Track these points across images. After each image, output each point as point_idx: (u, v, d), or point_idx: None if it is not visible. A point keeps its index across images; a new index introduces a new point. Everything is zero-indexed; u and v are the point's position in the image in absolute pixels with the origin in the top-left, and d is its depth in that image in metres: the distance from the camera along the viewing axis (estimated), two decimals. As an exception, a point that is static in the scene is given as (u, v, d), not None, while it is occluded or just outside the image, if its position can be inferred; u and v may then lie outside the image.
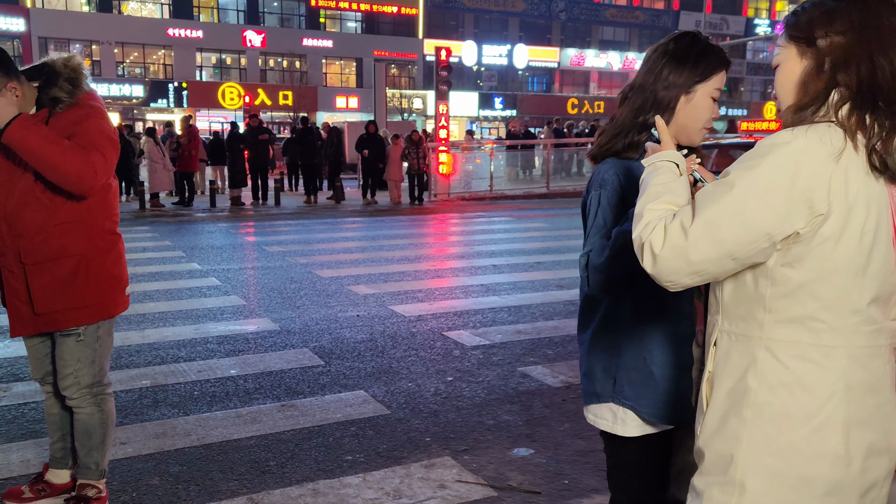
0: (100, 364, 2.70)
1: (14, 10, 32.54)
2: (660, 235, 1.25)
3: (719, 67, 1.70)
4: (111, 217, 2.70)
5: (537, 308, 6.27)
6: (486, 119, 42.54)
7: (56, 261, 2.55)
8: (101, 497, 2.77)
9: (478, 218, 13.73)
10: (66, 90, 2.53)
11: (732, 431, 1.28)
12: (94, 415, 2.71)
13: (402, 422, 3.77)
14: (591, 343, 1.79)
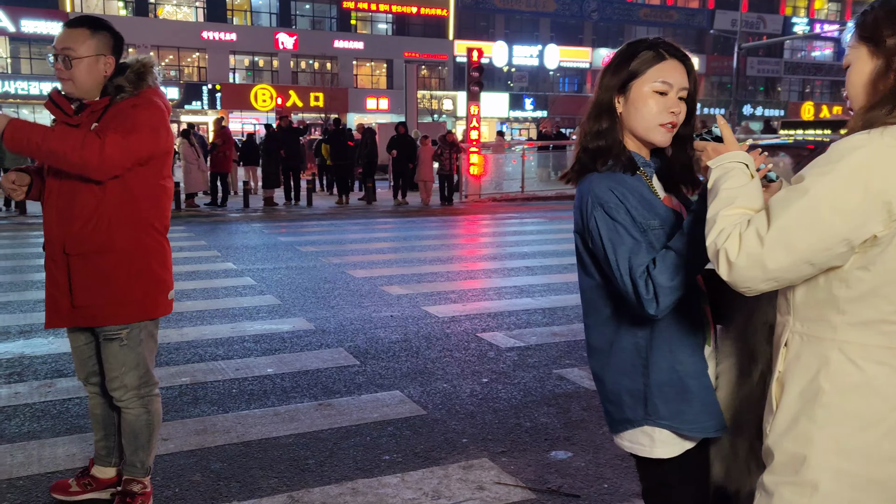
0: (144, 367, 2.70)
1: (53, 14, 33.29)
2: (735, 243, 1.24)
3: (654, 61, 1.65)
4: (161, 218, 2.69)
5: (572, 310, 6.21)
6: (517, 120, 42.43)
7: (100, 254, 2.54)
8: (146, 493, 2.81)
9: (509, 219, 13.69)
10: (131, 80, 2.57)
11: (804, 432, 1.27)
12: (141, 416, 2.73)
13: (438, 422, 3.76)
14: (611, 369, 1.70)
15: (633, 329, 1.65)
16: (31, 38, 33.76)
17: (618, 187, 1.64)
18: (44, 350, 4.93)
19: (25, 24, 33.08)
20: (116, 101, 2.55)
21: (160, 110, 2.59)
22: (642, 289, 1.53)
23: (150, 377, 2.74)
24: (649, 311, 1.54)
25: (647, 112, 1.65)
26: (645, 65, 1.65)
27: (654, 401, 1.63)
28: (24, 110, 32.70)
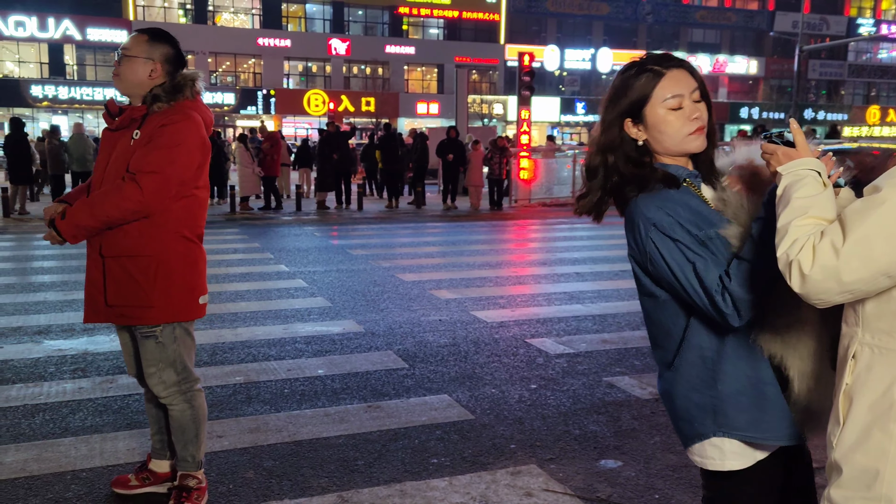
0: (182, 363, 2.77)
1: (118, 23, 34.53)
2: (808, 255, 1.21)
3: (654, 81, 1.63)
4: (191, 224, 2.74)
5: (623, 317, 6.14)
6: (568, 124, 42.12)
7: (131, 258, 2.65)
8: (201, 487, 2.88)
9: (559, 224, 13.59)
10: (167, 90, 2.66)
11: (877, 446, 1.23)
12: (185, 411, 2.80)
13: (486, 427, 3.76)
14: (680, 385, 1.67)
15: (699, 343, 1.62)
16: (96, 46, 35.08)
17: (666, 204, 1.60)
18: (106, 347, 5.11)
19: (91, 32, 34.38)
20: (153, 111, 2.65)
21: (192, 124, 2.67)
22: (721, 303, 1.50)
23: (188, 374, 2.80)
24: (733, 324, 1.51)
25: (672, 130, 1.63)
26: (647, 88, 1.63)
27: (727, 411, 1.60)
28: (88, 115, 33.96)
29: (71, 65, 35.31)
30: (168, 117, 2.63)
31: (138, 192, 2.55)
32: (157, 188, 2.57)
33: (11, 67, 34.72)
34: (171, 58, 2.72)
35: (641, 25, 43.78)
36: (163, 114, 2.64)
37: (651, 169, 1.67)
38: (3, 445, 3.44)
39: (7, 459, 3.29)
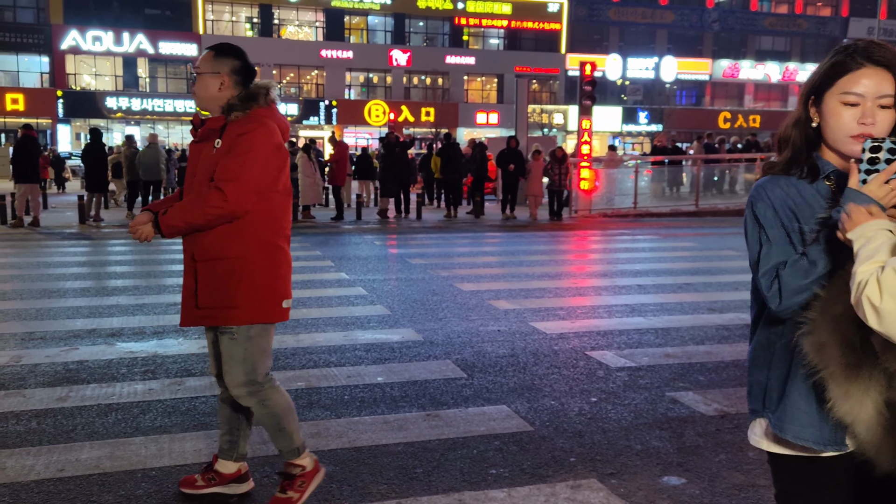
0: (252, 363, 2.82)
1: (189, 38, 35.84)
2: (875, 288, 1.20)
3: (844, 70, 1.56)
4: (274, 228, 2.83)
5: (687, 331, 5.99)
6: (630, 134, 41.54)
7: (217, 261, 2.77)
8: (306, 473, 2.94)
9: (620, 235, 13.39)
10: (242, 99, 2.79)
11: None
12: (259, 410, 2.88)
13: (546, 439, 3.72)
14: (751, 359, 1.75)
15: (768, 324, 1.70)
16: (167, 59, 36.47)
17: (775, 189, 1.65)
18: (175, 350, 5.28)
19: (163, 46, 35.76)
20: (230, 120, 2.78)
21: (267, 131, 2.77)
22: (765, 285, 1.60)
23: (256, 375, 2.84)
24: (772, 306, 1.60)
25: (837, 125, 1.60)
26: (835, 74, 1.59)
27: (771, 395, 1.68)
28: (159, 126, 35.28)
29: (143, 77, 36.79)
30: (244, 126, 2.75)
31: (221, 199, 2.68)
32: (238, 194, 2.69)
33: (88, 80, 36.39)
34: (238, 69, 2.83)
35: (707, 33, 42.88)
36: (239, 123, 2.77)
37: (806, 156, 1.66)
38: (79, 443, 3.59)
39: (83, 456, 3.43)
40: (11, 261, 9.60)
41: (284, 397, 2.95)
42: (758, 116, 41.86)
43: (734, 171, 19.71)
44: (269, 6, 37.53)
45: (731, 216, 16.98)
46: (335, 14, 38.42)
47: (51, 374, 4.69)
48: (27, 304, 6.79)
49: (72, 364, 4.90)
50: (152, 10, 35.90)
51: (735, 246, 11.56)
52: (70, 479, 3.19)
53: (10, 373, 4.69)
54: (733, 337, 5.83)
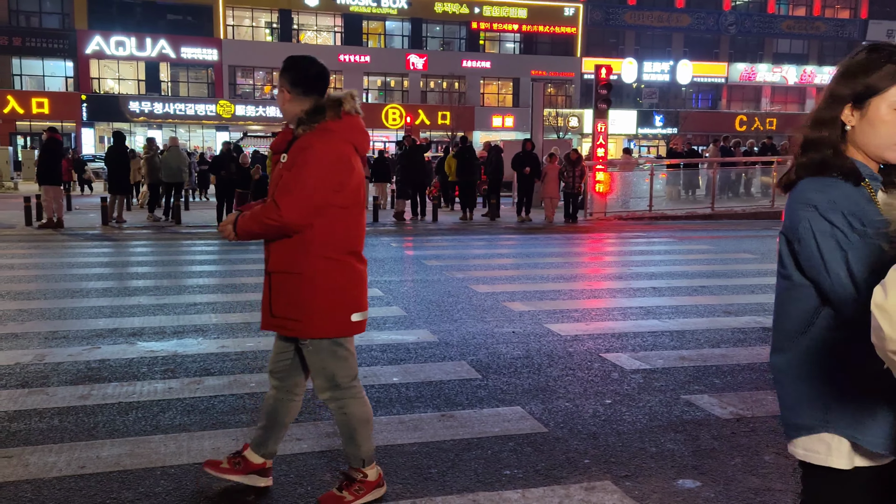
0: (330, 373, 2.91)
1: (210, 43, 36.21)
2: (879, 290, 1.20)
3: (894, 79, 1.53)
4: (335, 243, 2.82)
5: (702, 334, 5.98)
6: (645, 137, 41.36)
7: (285, 274, 2.85)
8: (367, 482, 3.01)
9: (636, 238, 13.35)
10: (308, 113, 2.83)
11: None
12: (339, 416, 3.00)
13: (560, 441, 3.74)
14: (794, 372, 1.65)
15: (825, 334, 1.60)
16: (189, 64, 36.85)
17: (831, 190, 1.57)
18: (194, 350, 5.35)
19: (185, 51, 36.14)
20: (297, 134, 2.83)
21: (327, 145, 2.78)
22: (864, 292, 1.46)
23: (340, 382, 2.93)
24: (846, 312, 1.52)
25: (884, 132, 1.57)
26: (886, 80, 1.55)
27: (838, 408, 1.58)
28: (181, 129, 35.62)
29: (166, 81, 37.19)
30: (307, 140, 2.79)
31: (276, 212, 2.74)
32: (291, 209, 2.72)
33: (112, 84, 36.85)
34: (296, 81, 2.86)
35: (724, 36, 42.63)
36: (305, 137, 2.80)
37: (843, 158, 1.61)
38: (100, 440, 3.66)
39: (103, 454, 3.49)
40: (36, 261, 9.76)
41: (363, 409, 3.01)
42: (774, 119, 41.54)
43: (750, 174, 19.57)
44: (289, 11, 37.83)
45: (747, 219, 16.87)
46: (353, 19, 38.64)
47: (73, 372, 4.77)
48: (51, 304, 6.90)
49: (94, 363, 4.98)
50: (174, 16, 36.31)
51: (751, 249, 11.48)
52: (91, 476, 3.25)
53: (34, 371, 4.78)
54: (749, 340, 5.81)
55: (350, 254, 2.88)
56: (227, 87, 36.92)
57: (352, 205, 2.85)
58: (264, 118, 36.43)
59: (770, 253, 10.69)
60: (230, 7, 36.99)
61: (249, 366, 4.97)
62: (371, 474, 3.02)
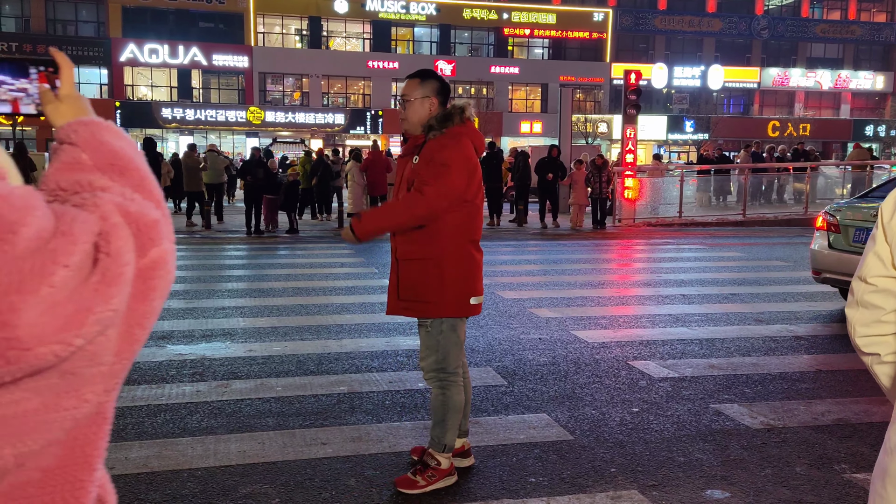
0: (443, 353, 3.15)
1: (241, 50, 36.70)
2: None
3: None
4: (465, 233, 3.13)
5: (732, 342, 5.88)
6: (676, 143, 40.93)
7: (416, 261, 3.12)
8: (440, 469, 3.20)
9: (665, 245, 13.20)
10: (438, 119, 3.12)
11: None
12: (437, 396, 3.20)
13: (586, 449, 3.70)
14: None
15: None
16: (220, 71, 37.37)
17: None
18: (222, 353, 5.40)
19: (216, 58, 36.66)
20: (429, 138, 3.12)
21: (460, 147, 3.09)
22: None
23: (448, 364, 3.18)
24: None
25: None
26: None
27: None
28: (211, 136, 36.11)
29: (197, 88, 37.76)
30: (441, 143, 3.08)
31: (421, 198, 3.01)
32: (435, 197, 3.01)
33: (145, 91, 37.53)
34: (440, 90, 3.18)
35: (756, 41, 42.05)
36: (437, 140, 3.10)
37: None
38: (129, 442, 3.70)
39: (132, 455, 3.54)
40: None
41: (461, 397, 3.22)
42: (808, 125, 40.81)
43: (783, 181, 19.25)
44: (319, 19, 38.18)
45: (779, 226, 16.59)
46: (382, 26, 38.88)
47: (104, 374, 4.84)
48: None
49: (123, 365, 5.05)
50: (206, 24, 36.86)
51: (783, 256, 11.28)
52: (119, 477, 3.29)
53: (66, 372, 4.86)
54: (780, 349, 5.70)
55: (471, 242, 3.17)
56: (257, 93, 37.35)
57: (474, 198, 3.14)
58: (293, 124, 36.78)
59: (803, 260, 10.48)
60: (261, 14, 37.45)
61: (276, 370, 5.01)
62: (444, 462, 3.22)
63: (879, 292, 1.46)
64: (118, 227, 0.76)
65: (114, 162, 0.86)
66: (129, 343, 0.79)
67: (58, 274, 0.68)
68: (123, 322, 0.77)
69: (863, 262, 1.47)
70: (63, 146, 0.86)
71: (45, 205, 0.73)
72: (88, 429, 0.81)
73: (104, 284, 0.72)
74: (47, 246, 0.69)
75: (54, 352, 0.69)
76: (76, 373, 0.74)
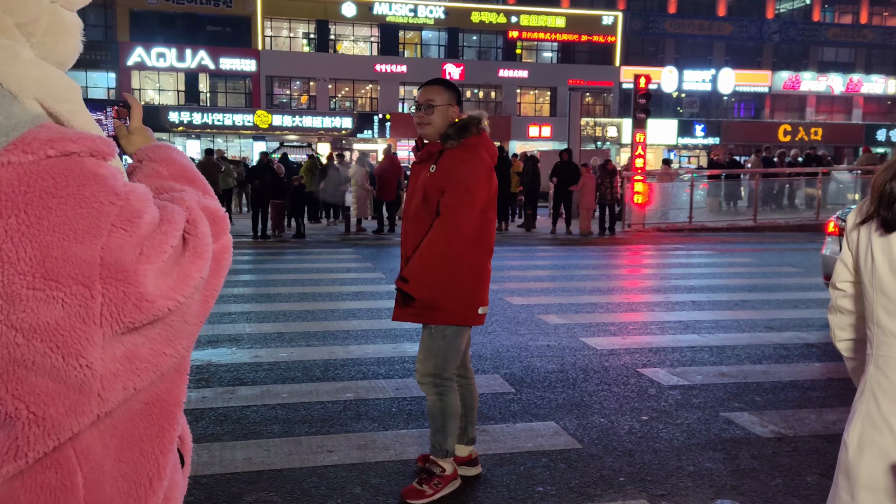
0: (442, 358, 3.14)
1: (248, 53, 36.82)
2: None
3: None
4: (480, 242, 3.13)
5: (743, 350, 5.82)
6: (686, 147, 40.78)
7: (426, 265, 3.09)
8: (445, 476, 3.19)
9: (675, 250, 13.13)
10: (456, 129, 3.11)
11: None
12: (435, 402, 3.18)
13: (594, 458, 3.66)
14: None
15: None
16: (227, 75, 37.50)
17: None
18: (227, 359, 5.39)
19: (223, 62, 36.80)
20: (446, 148, 3.11)
21: (481, 159, 3.11)
22: None
23: (445, 370, 3.16)
24: None
25: None
26: None
27: None
28: (219, 139, 36.27)
29: (204, 92, 37.92)
30: (459, 154, 3.08)
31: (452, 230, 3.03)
32: (464, 221, 3.04)
33: (152, 95, 37.71)
34: (459, 99, 3.20)
35: (767, 45, 41.86)
36: (455, 152, 3.09)
37: None
38: (135, 447, 3.68)
39: (137, 460, 3.52)
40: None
41: (458, 401, 3.21)
42: (820, 129, 40.57)
43: (794, 186, 19.13)
44: (326, 22, 38.27)
45: (790, 231, 16.48)
46: (390, 29, 38.93)
47: (110, 379, 4.83)
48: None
49: (130, 370, 5.04)
50: (214, 27, 37.01)
51: (795, 262, 11.19)
52: (125, 483, 3.27)
53: (73, 377, 4.85)
54: (792, 357, 5.64)
55: (488, 253, 3.20)
56: (264, 97, 37.46)
57: (489, 209, 3.16)
58: (300, 128, 36.85)
59: (814, 267, 10.39)
60: (268, 18, 37.57)
61: (282, 376, 4.99)
62: (448, 468, 3.22)
63: (848, 297, 1.55)
64: (200, 217, 1.01)
65: (184, 173, 1.14)
66: (204, 308, 1.04)
67: (167, 251, 0.93)
68: (203, 291, 1.01)
69: (834, 270, 1.59)
70: (142, 163, 1.16)
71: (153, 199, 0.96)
72: (175, 375, 1.06)
73: (195, 257, 0.97)
74: (159, 229, 0.93)
75: (167, 306, 0.93)
76: (173, 326, 0.97)
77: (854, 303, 1.52)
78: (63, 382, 0.88)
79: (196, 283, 0.96)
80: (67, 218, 0.85)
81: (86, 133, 0.89)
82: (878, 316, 1.42)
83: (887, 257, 1.38)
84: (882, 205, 1.39)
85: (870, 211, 1.43)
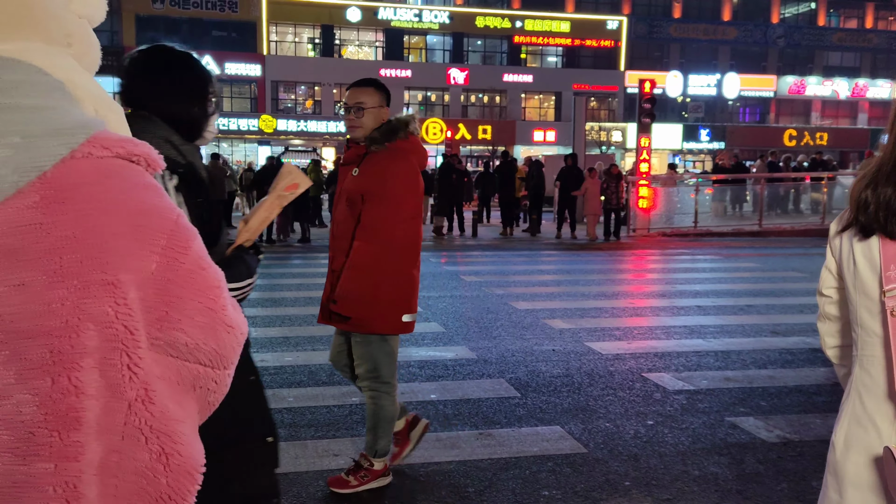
0: (373, 364, 3.14)
1: (253, 58, 36.98)
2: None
3: None
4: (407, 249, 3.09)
5: (748, 354, 5.82)
6: (691, 152, 40.75)
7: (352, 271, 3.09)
8: (372, 470, 3.25)
9: (680, 255, 13.12)
10: (382, 133, 3.05)
11: None
12: (370, 404, 3.21)
13: (599, 462, 3.66)
14: None
15: None
16: (232, 80, 37.63)
17: None
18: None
19: (229, 66, 36.94)
20: (371, 151, 3.05)
21: (409, 166, 3.07)
22: None
23: (379, 375, 3.16)
24: None
25: None
26: None
27: None
28: (223, 144, 36.39)
29: (211, 97, 38.03)
30: (385, 158, 3.02)
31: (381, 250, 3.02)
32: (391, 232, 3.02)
33: (160, 100, 37.87)
34: (388, 101, 3.13)
35: (772, 49, 41.84)
36: (380, 155, 3.03)
37: None
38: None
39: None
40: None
41: (393, 408, 3.22)
42: (825, 134, 40.51)
43: (800, 190, 19.11)
44: (331, 27, 38.42)
45: (796, 236, 16.45)
46: (395, 34, 39.04)
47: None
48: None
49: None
50: (219, 32, 37.18)
51: (800, 267, 11.18)
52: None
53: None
54: (797, 361, 5.64)
55: (413, 260, 3.14)
56: (269, 101, 37.59)
57: (417, 215, 3.12)
58: (305, 132, 36.95)
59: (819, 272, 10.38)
60: (273, 23, 37.73)
61: (288, 380, 5.00)
62: (377, 465, 3.25)
63: (834, 303, 1.60)
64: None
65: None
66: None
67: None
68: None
69: (820, 277, 1.63)
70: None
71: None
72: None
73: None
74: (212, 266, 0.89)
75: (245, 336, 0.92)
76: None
77: (839, 308, 1.58)
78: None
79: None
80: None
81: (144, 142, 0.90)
82: (862, 317, 1.47)
83: (868, 259, 1.44)
84: (860, 212, 1.46)
85: (849, 219, 1.50)
